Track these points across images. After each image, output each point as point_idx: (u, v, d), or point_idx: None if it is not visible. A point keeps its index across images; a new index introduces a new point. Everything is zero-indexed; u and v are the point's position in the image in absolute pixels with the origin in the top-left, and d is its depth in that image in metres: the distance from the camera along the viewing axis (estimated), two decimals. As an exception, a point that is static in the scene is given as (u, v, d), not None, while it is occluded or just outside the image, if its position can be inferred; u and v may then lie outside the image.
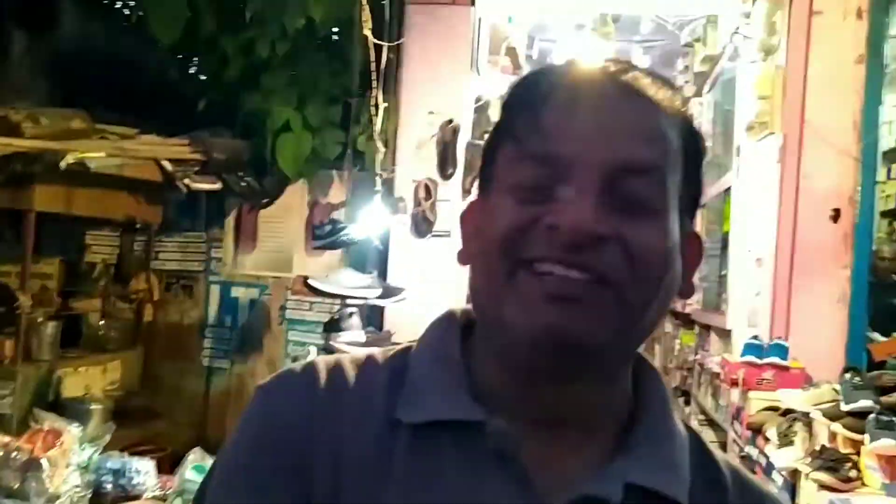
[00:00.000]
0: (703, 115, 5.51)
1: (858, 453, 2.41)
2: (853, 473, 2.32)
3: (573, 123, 0.60)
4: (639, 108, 0.62)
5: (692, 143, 0.65)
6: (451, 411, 0.62)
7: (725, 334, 4.46)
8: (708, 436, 2.15)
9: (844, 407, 2.52)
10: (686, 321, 6.01)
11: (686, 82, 6.13)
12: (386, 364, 0.67)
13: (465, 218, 0.68)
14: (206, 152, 3.61)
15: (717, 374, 3.80)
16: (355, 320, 2.88)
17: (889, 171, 7.48)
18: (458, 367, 0.65)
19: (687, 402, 4.82)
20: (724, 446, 3.38)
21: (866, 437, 2.34)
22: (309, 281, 2.95)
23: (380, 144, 3.36)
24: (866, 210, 3.41)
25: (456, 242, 0.69)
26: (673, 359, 5.79)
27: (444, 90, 3.83)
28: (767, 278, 3.59)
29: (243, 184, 3.85)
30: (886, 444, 2.26)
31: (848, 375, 2.65)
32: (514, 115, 0.63)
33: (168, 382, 4.35)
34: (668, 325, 6.98)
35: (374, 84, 3.25)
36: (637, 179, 0.60)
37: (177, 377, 4.37)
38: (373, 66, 3.30)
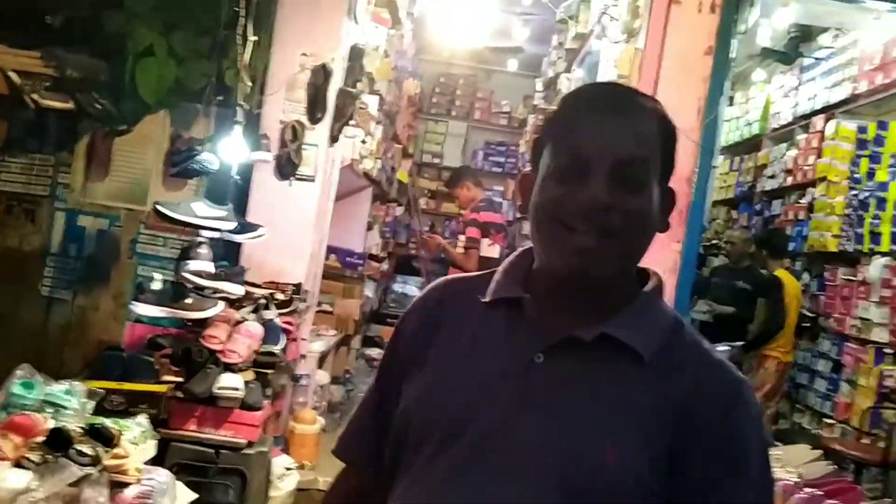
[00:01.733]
0: (571, 90, 5.75)
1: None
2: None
3: (592, 132, 0.95)
4: (632, 118, 0.97)
5: (667, 134, 1.00)
6: (504, 292, 1.03)
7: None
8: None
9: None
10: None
11: (559, 58, 6.37)
12: (485, 275, 1.09)
13: (521, 183, 1.05)
14: (58, 68, 3.39)
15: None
16: (204, 250, 2.84)
17: (731, 163, 8.09)
18: (518, 273, 1.04)
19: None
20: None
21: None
22: (157, 206, 2.87)
23: (246, 78, 3.30)
24: (700, 190, 3.71)
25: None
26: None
27: (320, 33, 3.80)
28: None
29: (98, 106, 3.65)
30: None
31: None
32: (556, 124, 1.00)
33: (2, 308, 4.11)
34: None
35: (244, 15, 3.18)
36: (631, 167, 0.95)
37: (12, 304, 4.14)
38: (245, -2, 3.22)
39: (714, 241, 7.56)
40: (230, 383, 2.86)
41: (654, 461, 0.91)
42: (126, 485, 2.15)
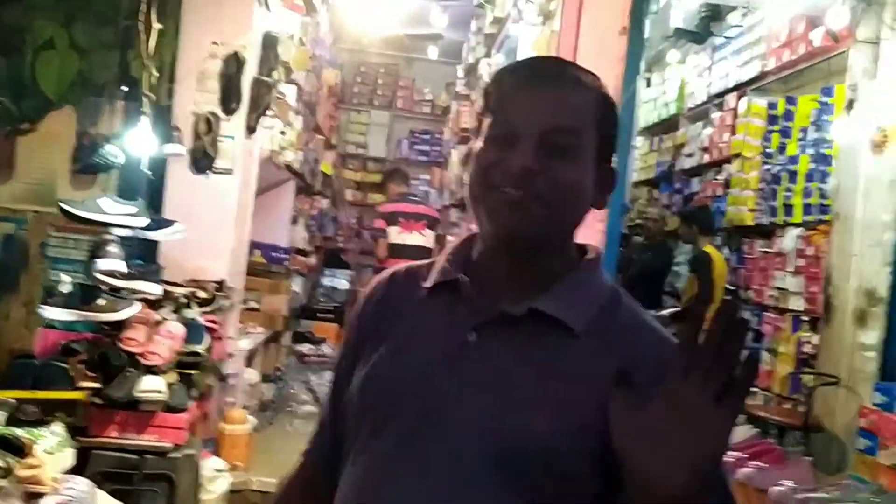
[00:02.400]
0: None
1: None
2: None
3: (522, 102, 0.98)
4: (565, 89, 0.99)
5: (605, 109, 1.01)
6: (444, 277, 1.05)
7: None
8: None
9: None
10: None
11: (478, 43, 6.37)
12: (430, 264, 1.11)
13: (467, 157, 1.06)
14: (-51, 64, 3.21)
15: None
16: (114, 248, 2.72)
17: (651, 143, 8.25)
18: (459, 258, 1.06)
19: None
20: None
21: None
22: (61, 204, 2.73)
23: (153, 69, 3.17)
24: (620, 169, 3.76)
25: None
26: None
27: (230, 20, 3.69)
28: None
29: (-4, 104, 3.47)
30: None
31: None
32: (492, 95, 1.02)
33: None
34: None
35: (146, 2, 3.05)
36: (559, 136, 0.96)
37: (-88, 317, 3.90)
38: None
39: (638, 222, 7.73)
40: (152, 386, 2.76)
41: (587, 426, 0.91)
42: (42, 495, 2.05)
